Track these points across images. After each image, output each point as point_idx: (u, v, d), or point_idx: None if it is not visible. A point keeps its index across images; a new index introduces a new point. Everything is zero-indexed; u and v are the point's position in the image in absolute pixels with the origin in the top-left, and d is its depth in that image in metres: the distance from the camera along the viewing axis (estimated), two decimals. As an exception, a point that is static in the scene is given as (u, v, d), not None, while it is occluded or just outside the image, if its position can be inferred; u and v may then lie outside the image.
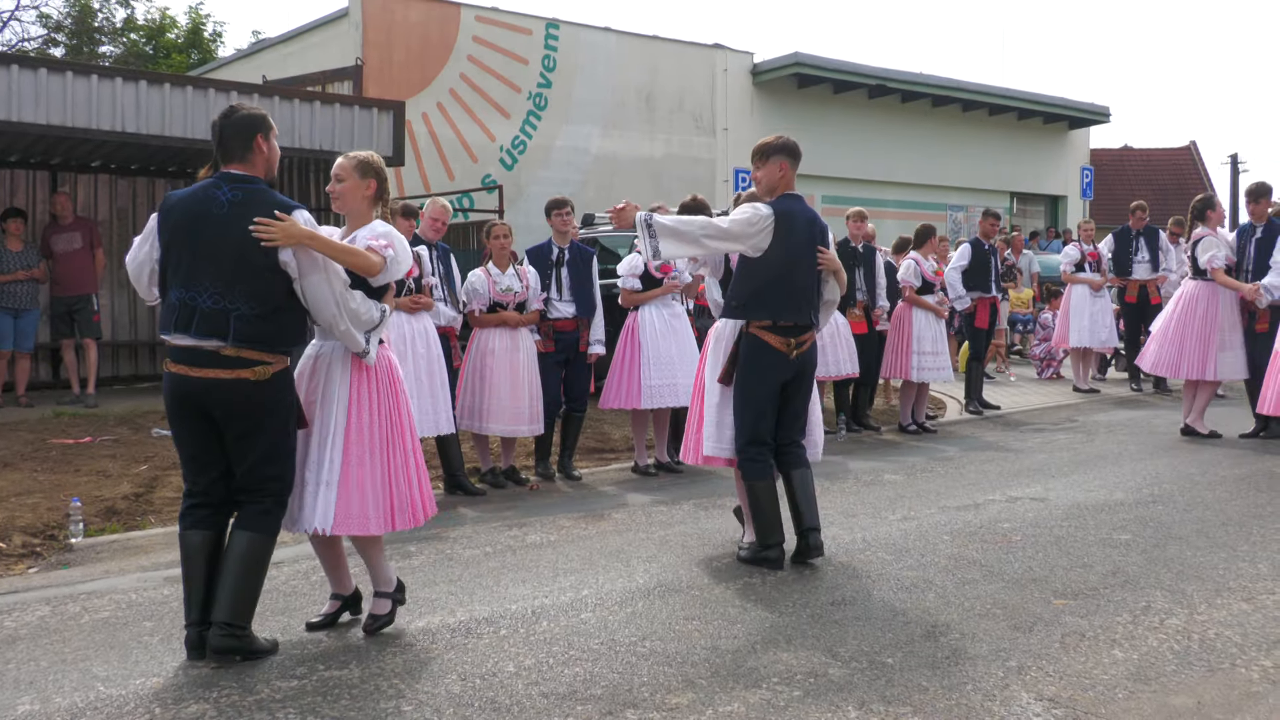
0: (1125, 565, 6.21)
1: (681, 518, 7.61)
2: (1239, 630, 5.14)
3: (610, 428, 11.35)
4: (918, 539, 6.86)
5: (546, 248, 9.19)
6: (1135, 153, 42.68)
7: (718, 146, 24.15)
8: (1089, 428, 11.51)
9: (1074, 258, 14.85)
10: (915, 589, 5.80)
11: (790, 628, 5.19)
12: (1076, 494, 8.15)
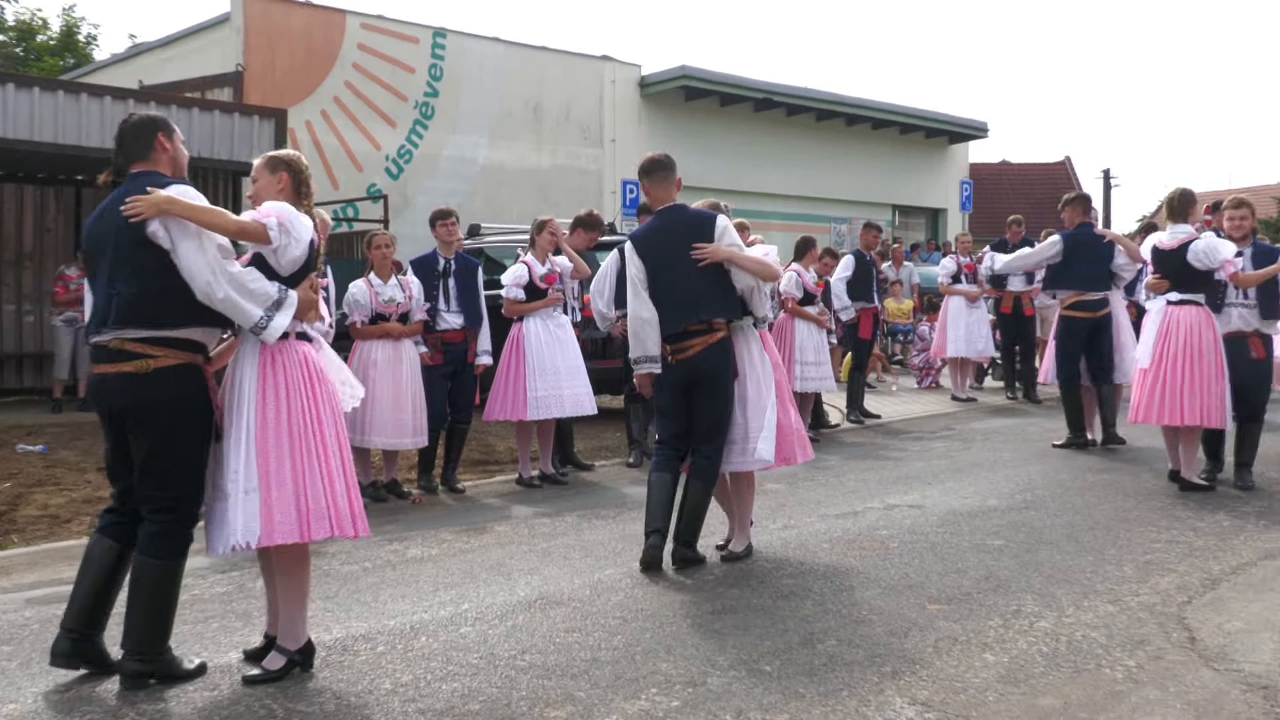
0: (998, 570, 6.35)
1: (564, 529, 7.59)
2: (1105, 631, 5.28)
3: (495, 439, 11.29)
4: (797, 547, 6.93)
5: (432, 258, 9.12)
6: (1013, 167, 43.76)
7: (605, 158, 24.23)
8: (966, 435, 11.75)
9: (951, 270, 15.17)
10: (794, 597, 5.85)
11: (671, 638, 5.20)
12: (952, 501, 8.31)
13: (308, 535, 4.58)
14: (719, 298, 6.49)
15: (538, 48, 23.50)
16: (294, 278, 4.74)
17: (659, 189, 6.68)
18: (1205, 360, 8.43)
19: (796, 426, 6.86)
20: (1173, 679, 4.69)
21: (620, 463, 10.27)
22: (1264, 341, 8.77)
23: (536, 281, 9.23)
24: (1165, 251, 8.68)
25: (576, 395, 9.27)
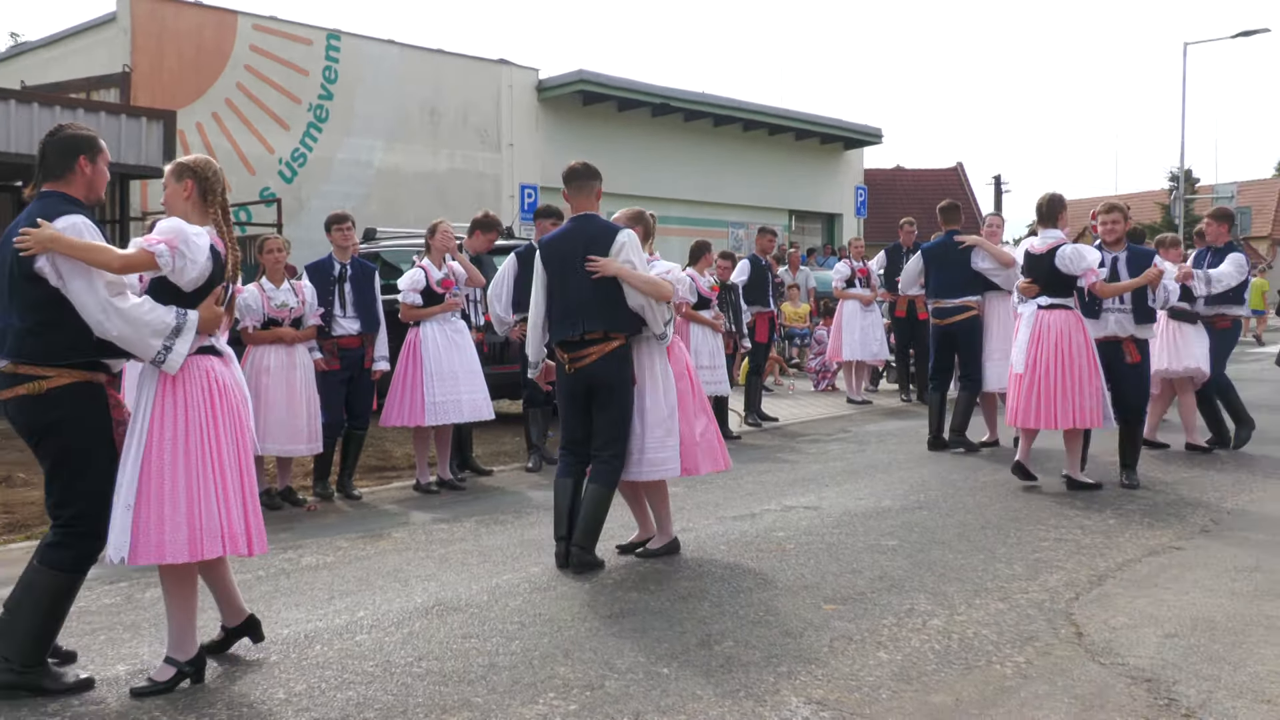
0: (892, 570, 6.44)
1: (463, 535, 7.54)
2: (995, 629, 5.38)
3: (392, 445, 11.18)
4: (695, 550, 6.97)
5: (328, 263, 9.01)
6: (906, 173, 44.56)
7: (503, 162, 24.14)
8: (861, 438, 11.91)
9: (845, 274, 15.36)
10: (692, 599, 5.88)
11: (569, 642, 5.19)
12: (848, 502, 8.42)
13: (199, 554, 4.55)
14: (609, 311, 6.55)
15: (434, 51, 23.34)
16: (199, 293, 4.70)
17: (576, 197, 6.78)
18: (1077, 363, 8.56)
19: (704, 438, 6.89)
20: (1060, 674, 4.80)
21: (519, 467, 10.23)
22: (1139, 346, 8.92)
23: (433, 286, 9.16)
24: (1035, 256, 8.84)
25: (474, 401, 9.22)
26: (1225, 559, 6.67)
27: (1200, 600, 5.84)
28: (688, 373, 6.95)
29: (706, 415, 6.98)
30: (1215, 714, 4.35)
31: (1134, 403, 8.94)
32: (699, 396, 6.96)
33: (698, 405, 6.92)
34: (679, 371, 6.85)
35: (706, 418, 6.96)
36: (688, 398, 6.86)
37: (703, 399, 7.01)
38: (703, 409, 6.96)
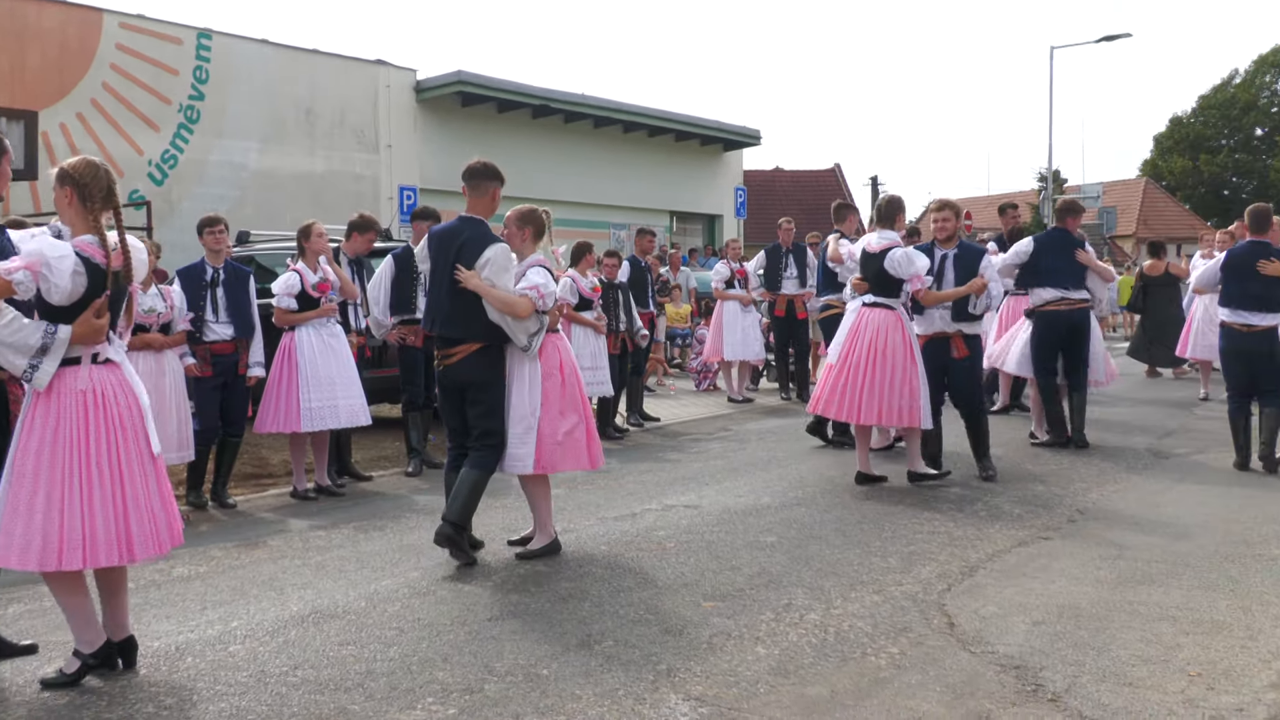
0: (770, 566, 6.52)
1: (340, 541, 7.44)
2: (870, 621, 5.48)
3: (269, 452, 10.98)
4: (576, 550, 6.97)
5: (200, 267, 8.82)
6: (785, 174, 45.12)
7: (381, 164, 23.86)
8: (741, 436, 12.03)
9: (724, 275, 15.46)
10: (572, 599, 5.89)
11: (448, 646, 5.16)
12: (728, 500, 8.50)
13: (57, 564, 4.54)
14: (469, 320, 6.66)
15: (309, 50, 22.97)
16: (76, 307, 4.65)
17: (471, 197, 6.90)
18: (891, 362, 8.60)
19: (568, 436, 6.88)
20: (933, 663, 4.90)
21: (399, 472, 10.12)
22: (968, 341, 9.11)
23: (309, 290, 9.02)
24: (869, 255, 8.90)
25: (351, 406, 9.10)
26: (1090, 548, 6.88)
27: (1066, 588, 6.02)
28: (560, 371, 6.95)
29: (578, 414, 6.98)
30: (1080, 698, 4.49)
31: (968, 397, 9.13)
32: (570, 395, 6.96)
33: (566, 403, 6.92)
34: (548, 370, 6.88)
35: (578, 417, 6.97)
36: (555, 396, 6.88)
37: (575, 398, 6.99)
38: (574, 408, 6.96)
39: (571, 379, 7.00)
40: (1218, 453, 10.27)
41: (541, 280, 6.76)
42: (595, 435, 7.13)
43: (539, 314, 6.71)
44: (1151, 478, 9.19)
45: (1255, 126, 67.64)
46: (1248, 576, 6.21)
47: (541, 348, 6.87)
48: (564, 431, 6.86)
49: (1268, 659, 4.93)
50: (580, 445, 6.97)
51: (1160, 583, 6.10)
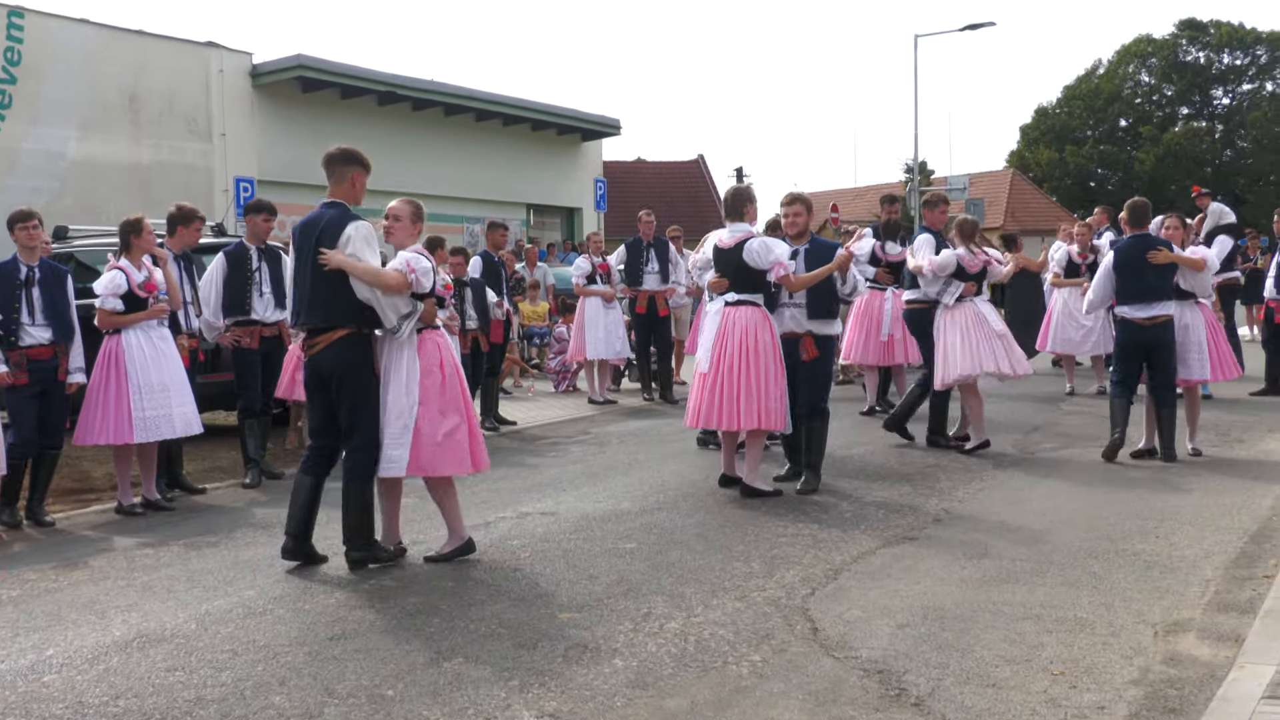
0: (629, 574, 6.55)
1: (169, 560, 7.26)
2: (732, 628, 5.55)
3: (91, 465, 10.65)
4: (423, 563, 6.91)
5: (12, 266, 8.52)
6: (648, 165, 45.38)
7: (215, 153, 23.35)
8: (602, 439, 12.06)
9: (585, 270, 15.47)
10: (420, 615, 5.84)
11: (285, 669, 5.07)
12: (586, 506, 8.51)
13: None
14: (333, 303, 6.67)
15: (134, 31, 22.36)
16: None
17: (330, 184, 6.96)
18: (762, 362, 8.50)
19: (449, 438, 6.83)
20: (796, 670, 4.98)
21: (235, 484, 9.91)
22: (818, 342, 8.99)
23: (135, 289, 8.76)
24: (723, 250, 8.79)
25: (185, 414, 8.88)
26: (955, 547, 7.06)
27: (931, 589, 6.16)
28: (440, 369, 6.90)
29: (460, 414, 6.92)
30: (943, 701, 4.60)
31: (811, 401, 8.98)
32: (451, 394, 6.91)
33: (448, 403, 6.87)
34: (427, 367, 6.83)
35: (459, 417, 6.91)
36: (434, 394, 6.83)
37: (456, 397, 6.93)
38: (455, 407, 6.91)
39: (453, 377, 6.94)
40: (1084, 448, 10.63)
41: (414, 256, 6.79)
42: (479, 437, 7.08)
43: (413, 297, 6.72)
44: (1017, 475, 9.47)
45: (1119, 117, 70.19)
46: (1111, 573, 6.44)
47: (420, 344, 6.84)
48: (444, 432, 6.82)
49: (1129, 655, 5.11)
50: (462, 447, 6.91)
51: (1024, 581, 6.29)
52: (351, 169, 6.94)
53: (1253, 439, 10.94)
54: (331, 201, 6.90)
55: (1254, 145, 67.08)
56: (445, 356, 6.98)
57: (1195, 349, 10.18)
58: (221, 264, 9.70)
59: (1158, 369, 9.92)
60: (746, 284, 8.70)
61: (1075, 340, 14.90)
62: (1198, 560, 6.70)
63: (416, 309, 6.77)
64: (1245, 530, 7.41)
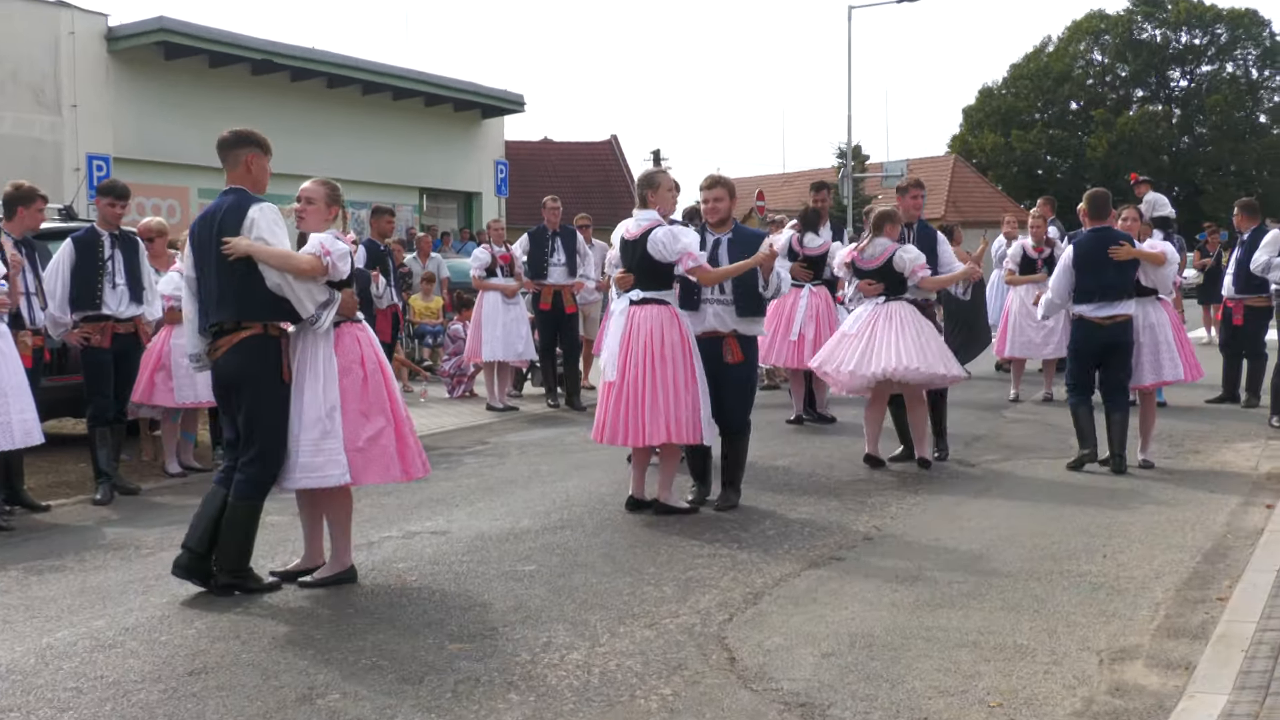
0: (528, 599, 6.55)
1: (6, 587, 7.11)
2: (641, 659, 5.56)
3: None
4: (298, 590, 6.84)
5: None
6: (555, 146, 45.40)
7: (65, 126, 22.98)
8: (501, 449, 12.03)
9: (485, 261, 15.40)
10: (293, 646, 5.78)
11: (137, 708, 5.00)
12: (481, 524, 8.49)
13: None
14: (241, 296, 6.68)
15: (-28, -11, 21.96)
16: None
17: (226, 171, 6.96)
18: (670, 367, 8.37)
19: (372, 443, 6.81)
20: (710, 704, 5.01)
21: (85, 500, 9.75)
22: (743, 344, 8.83)
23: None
24: (629, 242, 8.67)
25: (25, 422, 8.70)
26: (887, 568, 7.14)
27: (860, 614, 6.23)
28: (361, 365, 6.88)
29: (386, 417, 6.89)
30: (870, 737, 4.65)
31: (734, 409, 8.84)
32: (375, 394, 6.88)
33: (371, 404, 6.85)
34: (346, 365, 6.82)
35: (386, 420, 6.88)
36: (355, 394, 6.82)
37: (381, 398, 6.90)
38: (380, 409, 6.88)
39: (376, 375, 6.92)
40: (1028, 460, 10.80)
41: (328, 238, 6.77)
42: (410, 441, 7.02)
43: (330, 284, 6.71)
44: (955, 490, 9.60)
45: (1070, 100, 71.50)
46: (1054, 595, 6.55)
47: (338, 339, 6.84)
48: (366, 437, 6.79)
49: (1072, 685, 5.21)
50: (388, 453, 6.88)
51: (960, 605, 6.37)
52: (245, 151, 6.91)
53: (1208, 450, 11.20)
54: (229, 189, 6.89)
55: (1213, 131, 68.69)
56: (367, 352, 6.96)
57: (1166, 349, 10.49)
58: (69, 252, 9.54)
59: (1112, 371, 10.14)
60: (653, 279, 8.57)
61: (1036, 342, 15.03)
62: (1147, 581, 6.84)
63: (334, 297, 6.76)
64: (1198, 549, 7.58)
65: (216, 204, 6.84)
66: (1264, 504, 8.70)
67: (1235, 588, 6.54)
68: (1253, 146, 67.64)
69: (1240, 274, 13.69)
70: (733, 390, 8.85)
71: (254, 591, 6.76)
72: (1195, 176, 68.40)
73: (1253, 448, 11.26)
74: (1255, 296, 13.73)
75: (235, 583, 6.73)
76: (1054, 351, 14.75)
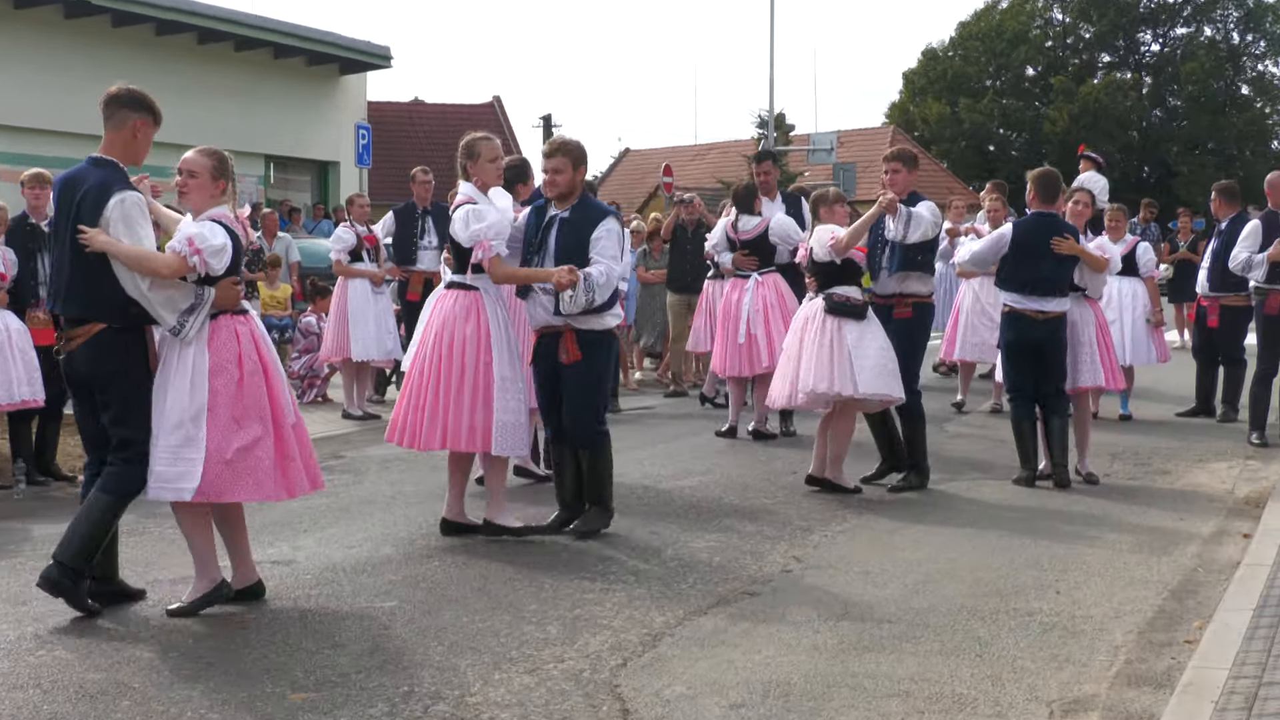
0: (387, 641, 6.54)
1: None
2: (519, 710, 5.59)
3: None
4: (118, 626, 6.82)
5: None
6: (428, 108, 45.20)
7: None
8: (359, 465, 11.97)
9: (348, 243, 15.18)
10: (103, 697, 5.73)
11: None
12: (333, 552, 8.44)
13: None
14: (90, 290, 6.78)
15: None
16: None
17: (106, 131, 7.04)
18: (457, 364, 8.38)
19: (242, 454, 6.82)
20: (598, 763, 5.02)
21: None
22: (583, 341, 8.60)
23: None
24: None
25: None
26: (808, 605, 7.21)
27: (776, 659, 6.28)
28: (237, 365, 6.87)
29: (265, 425, 6.90)
30: (784, 801, 4.69)
31: (574, 419, 8.74)
32: (253, 399, 6.88)
33: (247, 409, 6.85)
34: (219, 364, 6.83)
35: (264, 428, 6.89)
36: (227, 398, 6.82)
37: (260, 402, 6.90)
38: (258, 415, 6.89)
39: (256, 377, 6.92)
40: (971, 480, 10.95)
41: (200, 231, 6.74)
42: (294, 452, 7.04)
43: (198, 283, 6.72)
44: (887, 514, 9.71)
45: (1026, 65, 72.28)
46: (999, 637, 6.64)
47: (212, 334, 6.86)
48: (237, 447, 6.80)
49: (1017, 741, 5.29)
50: (264, 467, 6.89)
51: (892, 648, 6.44)
52: (136, 115, 6.99)
53: (1178, 470, 11.42)
54: (100, 158, 6.93)
55: (1189, 104, 69.69)
56: (245, 349, 6.95)
57: (1086, 350, 10.75)
58: None
59: (1048, 371, 10.41)
60: (462, 260, 8.62)
61: (990, 344, 14.64)
62: (1105, 621, 6.95)
63: (202, 299, 6.76)
64: (1164, 584, 7.72)
65: (83, 172, 6.91)
66: (1240, 533, 8.88)
67: (1206, 629, 6.65)
68: (1233, 121, 68.53)
69: (1217, 269, 13.75)
70: (571, 396, 8.75)
71: (75, 601, 6.79)
72: (1168, 155, 69.36)
73: (1229, 468, 11.49)
74: (1233, 295, 13.76)
75: (66, 585, 6.72)
76: None
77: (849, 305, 10.03)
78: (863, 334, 9.94)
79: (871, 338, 9.98)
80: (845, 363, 9.85)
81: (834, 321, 9.97)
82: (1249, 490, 10.41)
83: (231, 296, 6.90)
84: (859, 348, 9.90)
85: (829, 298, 10.01)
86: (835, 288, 10.04)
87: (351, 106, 32.68)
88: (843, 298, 10.02)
